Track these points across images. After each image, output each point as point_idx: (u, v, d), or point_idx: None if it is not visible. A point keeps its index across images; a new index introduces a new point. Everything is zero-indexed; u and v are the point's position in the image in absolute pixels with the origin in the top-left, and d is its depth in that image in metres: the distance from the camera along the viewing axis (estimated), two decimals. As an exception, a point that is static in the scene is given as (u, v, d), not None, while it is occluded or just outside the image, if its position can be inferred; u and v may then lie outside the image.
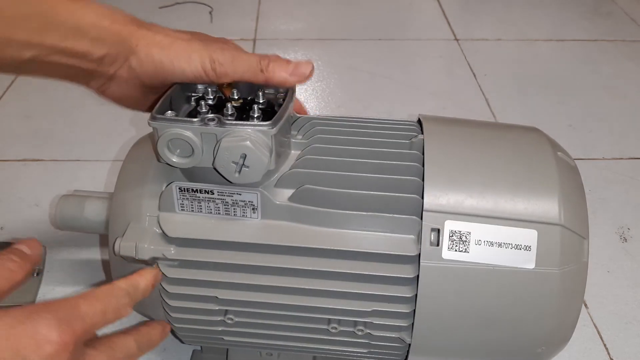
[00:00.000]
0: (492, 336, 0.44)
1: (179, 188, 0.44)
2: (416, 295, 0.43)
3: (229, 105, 0.43)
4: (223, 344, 0.51)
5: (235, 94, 0.45)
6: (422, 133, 0.47)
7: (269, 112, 0.44)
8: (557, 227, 0.42)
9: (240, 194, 0.44)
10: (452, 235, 0.42)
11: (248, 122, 0.41)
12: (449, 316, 0.43)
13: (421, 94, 0.99)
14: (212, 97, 0.45)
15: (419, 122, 0.50)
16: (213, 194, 0.44)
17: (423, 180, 0.43)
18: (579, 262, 0.43)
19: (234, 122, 0.41)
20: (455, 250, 0.42)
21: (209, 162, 0.42)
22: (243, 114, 0.43)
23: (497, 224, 0.42)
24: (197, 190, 0.44)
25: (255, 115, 0.42)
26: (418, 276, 0.42)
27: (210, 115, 0.41)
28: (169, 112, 0.42)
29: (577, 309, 0.44)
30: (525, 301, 0.42)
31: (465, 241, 0.42)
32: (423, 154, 0.45)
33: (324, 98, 0.97)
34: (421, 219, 0.42)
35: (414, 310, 0.43)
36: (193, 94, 0.46)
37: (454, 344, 0.45)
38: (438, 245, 0.42)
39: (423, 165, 0.44)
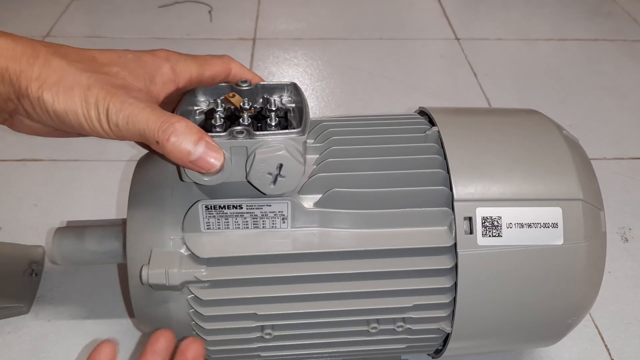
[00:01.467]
0: (528, 313, 0.45)
1: (205, 206, 0.42)
2: (455, 284, 0.44)
3: (245, 115, 0.41)
4: None
5: (246, 103, 0.43)
6: (431, 125, 0.48)
7: (283, 119, 0.42)
8: (578, 202, 0.44)
9: (270, 205, 0.43)
10: (485, 222, 0.43)
11: (279, 131, 0.39)
12: (487, 300, 0.44)
13: (421, 94, 0.99)
14: (222, 108, 0.43)
15: (421, 114, 0.51)
16: (242, 208, 0.43)
17: (447, 171, 0.44)
18: (599, 232, 0.45)
19: (264, 132, 0.39)
20: (489, 236, 0.43)
21: (238, 176, 0.40)
22: (258, 123, 0.42)
23: (524, 205, 0.44)
24: (224, 206, 0.42)
25: (274, 124, 0.41)
26: (456, 265, 0.43)
27: (238, 128, 0.39)
28: None
29: (600, 277, 0.46)
30: (556, 276, 0.44)
31: (497, 226, 0.43)
32: (441, 145, 0.46)
33: (324, 98, 0.97)
34: (452, 209, 0.43)
35: (454, 299, 0.44)
36: (196, 107, 0.44)
37: (491, 326, 0.46)
38: (472, 233, 0.43)
39: (443, 157, 0.45)
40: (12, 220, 0.71)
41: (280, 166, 0.39)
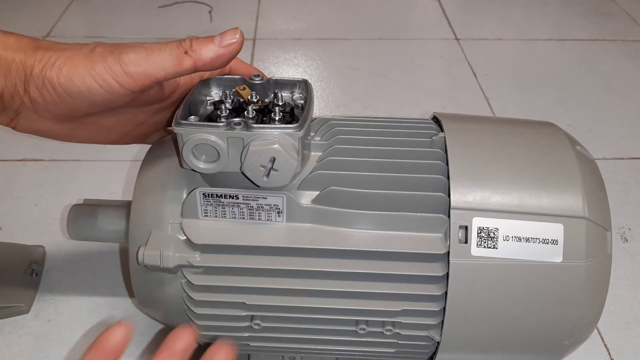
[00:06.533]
0: (521, 330, 0.44)
1: (203, 194, 0.43)
2: (446, 293, 0.43)
3: (249, 108, 0.42)
4: (247, 350, 0.50)
5: (254, 96, 0.44)
6: (440, 131, 0.47)
7: (288, 114, 0.43)
8: (582, 220, 0.42)
9: (265, 198, 0.43)
10: (481, 232, 0.42)
11: (275, 125, 0.40)
12: (478, 312, 0.43)
13: (421, 94, 0.99)
14: (230, 100, 0.44)
15: (434, 120, 0.50)
16: (238, 198, 0.43)
17: (448, 178, 0.43)
18: (604, 254, 0.44)
19: (261, 125, 0.40)
20: (484, 247, 0.42)
21: (234, 166, 0.41)
22: (263, 116, 0.43)
23: (524, 219, 0.42)
24: (221, 195, 0.43)
25: (277, 118, 0.42)
26: (447, 274, 0.42)
27: (237, 120, 0.40)
28: (192, 117, 0.41)
29: (602, 300, 0.45)
30: (553, 295, 0.43)
31: (494, 237, 0.42)
32: (445, 151, 0.45)
33: (323, 98, 0.97)
34: (448, 216, 0.43)
35: (444, 308, 0.44)
36: (208, 98, 0.45)
37: (483, 340, 0.45)
38: (466, 242, 0.42)
39: (446, 163, 0.44)
40: (12, 220, 0.71)
41: (273, 160, 0.40)
